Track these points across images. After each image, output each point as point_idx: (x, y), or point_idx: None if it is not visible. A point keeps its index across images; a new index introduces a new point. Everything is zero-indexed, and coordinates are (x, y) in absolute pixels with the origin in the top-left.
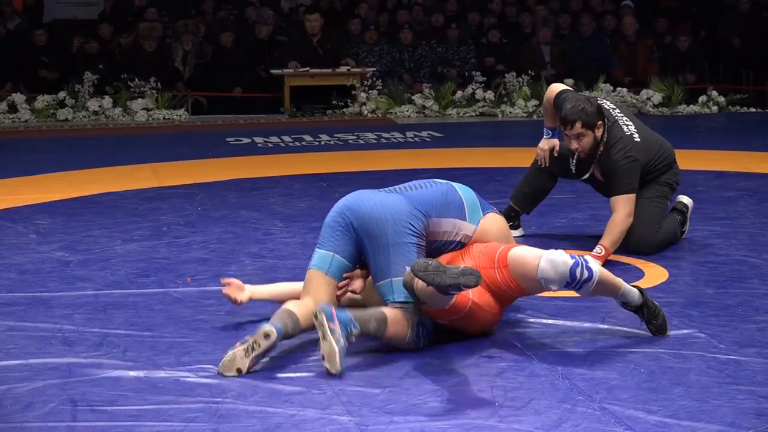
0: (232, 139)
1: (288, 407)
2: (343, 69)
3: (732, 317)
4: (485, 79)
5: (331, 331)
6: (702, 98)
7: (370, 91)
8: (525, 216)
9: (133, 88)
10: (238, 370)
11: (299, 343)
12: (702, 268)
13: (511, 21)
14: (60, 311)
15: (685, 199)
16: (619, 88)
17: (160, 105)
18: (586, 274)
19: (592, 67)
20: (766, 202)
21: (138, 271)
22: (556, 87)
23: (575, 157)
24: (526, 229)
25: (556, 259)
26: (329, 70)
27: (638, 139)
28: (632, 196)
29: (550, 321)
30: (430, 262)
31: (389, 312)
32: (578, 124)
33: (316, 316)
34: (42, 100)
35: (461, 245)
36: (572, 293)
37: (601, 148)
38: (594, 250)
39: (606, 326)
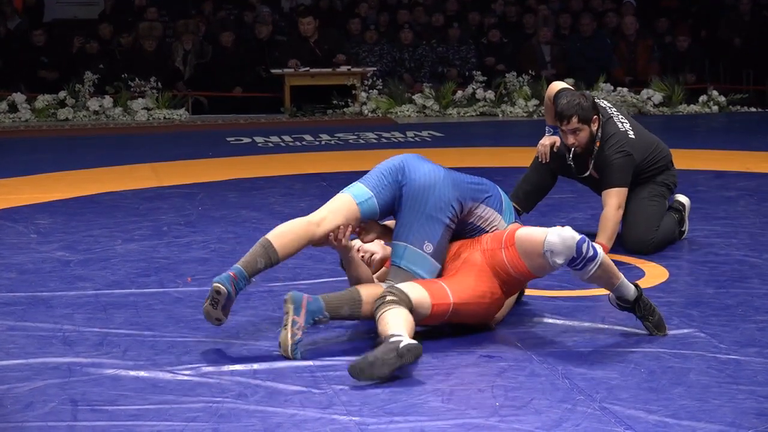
0: (233, 138)
1: (288, 407)
2: (342, 69)
3: (732, 317)
4: (486, 78)
5: (293, 323)
6: (702, 98)
7: (371, 91)
8: (525, 215)
9: (133, 87)
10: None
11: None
12: (702, 268)
13: (511, 21)
14: (60, 311)
15: (682, 198)
16: (619, 88)
17: (161, 105)
18: (591, 252)
19: (592, 66)
20: (767, 202)
21: (138, 271)
22: (557, 85)
23: (572, 152)
24: None
25: (564, 233)
26: (329, 70)
27: (633, 136)
28: (623, 190)
29: (550, 321)
30: (362, 366)
31: (365, 291)
32: (574, 119)
33: (285, 301)
34: (42, 100)
35: (482, 233)
36: (572, 293)
37: (597, 144)
38: None
39: (606, 326)
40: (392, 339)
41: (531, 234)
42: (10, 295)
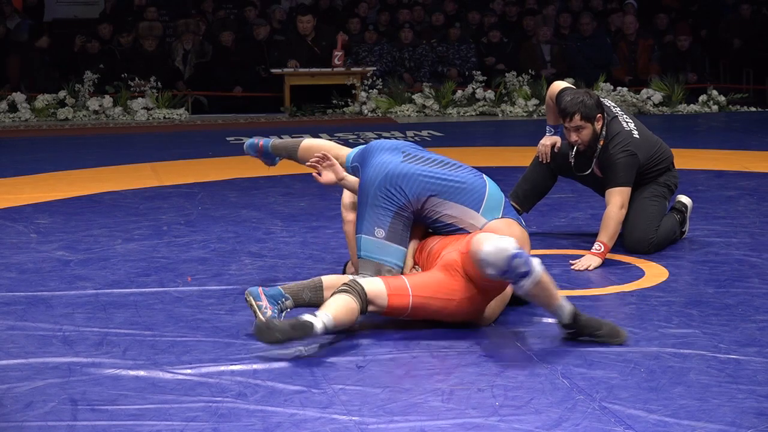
0: (233, 138)
1: (288, 406)
2: (342, 69)
3: (732, 316)
4: (485, 78)
5: (259, 307)
6: (702, 97)
7: (371, 91)
8: (525, 215)
9: (133, 87)
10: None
11: (299, 343)
12: (702, 268)
13: (511, 20)
14: (60, 310)
15: (684, 199)
16: (619, 87)
17: (161, 104)
18: (524, 269)
19: (592, 66)
20: (766, 202)
21: (138, 271)
22: (559, 84)
23: (574, 150)
24: (526, 228)
25: (500, 245)
26: (329, 70)
27: (637, 136)
28: (627, 189)
29: (550, 321)
30: (262, 327)
31: (326, 279)
32: (577, 116)
33: (246, 299)
34: (42, 100)
35: (464, 231)
36: (572, 293)
37: (601, 142)
38: (593, 247)
39: None
40: (304, 315)
41: (479, 240)
42: (10, 295)
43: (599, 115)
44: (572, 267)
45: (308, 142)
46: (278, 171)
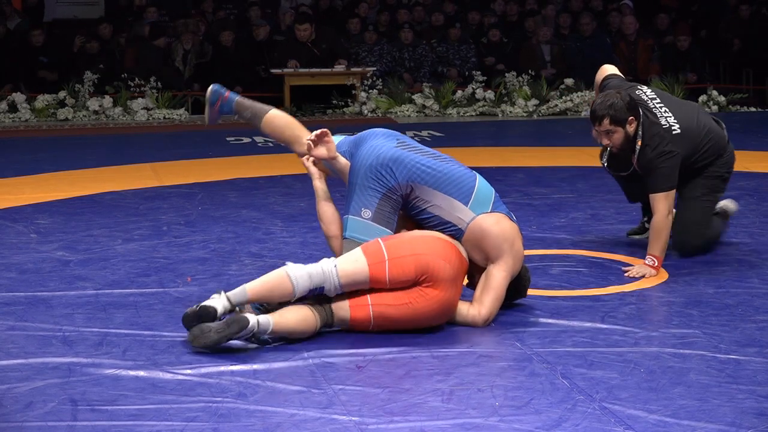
0: (233, 138)
1: (288, 407)
2: (342, 69)
3: (732, 317)
4: (485, 78)
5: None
6: (702, 97)
7: (371, 91)
8: (527, 215)
9: (133, 87)
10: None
11: (299, 343)
12: (702, 268)
13: (511, 20)
14: (60, 311)
15: (731, 205)
16: None
17: (161, 104)
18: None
19: (592, 66)
20: (766, 202)
21: (138, 271)
22: (605, 69)
23: (608, 152)
24: (524, 228)
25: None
26: (329, 70)
27: (677, 131)
28: (671, 193)
29: (550, 321)
30: (197, 333)
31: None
32: (606, 121)
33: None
34: (42, 100)
35: (451, 226)
36: (571, 293)
37: (639, 143)
38: (646, 260)
39: (606, 326)
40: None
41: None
42: (10, 295)
43: (631, 117)
44: (626, 274)
45: (275, 113)
46: (278, 171)
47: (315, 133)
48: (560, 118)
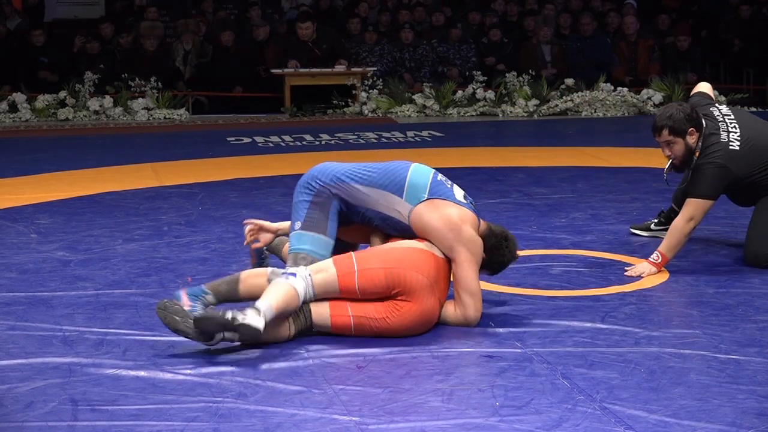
0: (233, 138)
1: (288, 407)
2: (340, 68)
3: (732, 317)
4: (486, 78)
5: (176, 311)
6: None
7: (371, 91)
8: (527, 215)
9: (133, 87)
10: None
11: (297, 343)
12: (702, 268)
13: (511, 20)
14: (60, 311)
15: None
16: (619, 88)
17: (161, 104)
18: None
19: (592, 66)
20: None
21: (139, 271)
22: (698, 87)
23: (669, 164)
24: (525, 228)
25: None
26: (329, 70)
27: (736, 148)
28: (704, 203)
29: (550, 321)
30: (172, 306)
31: (245, 272)
32: (665, 132)
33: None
34: (43, 100)
35: (397, 221)
36: (571, 293)
37: (696, 154)
38: (651, 257)
39: (606, 326)
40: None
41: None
42: (11, 295)
43: (692, 129)
44: (626, 273)
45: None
46: (278, 171)
47: (247, 234)
48: (561, 118)
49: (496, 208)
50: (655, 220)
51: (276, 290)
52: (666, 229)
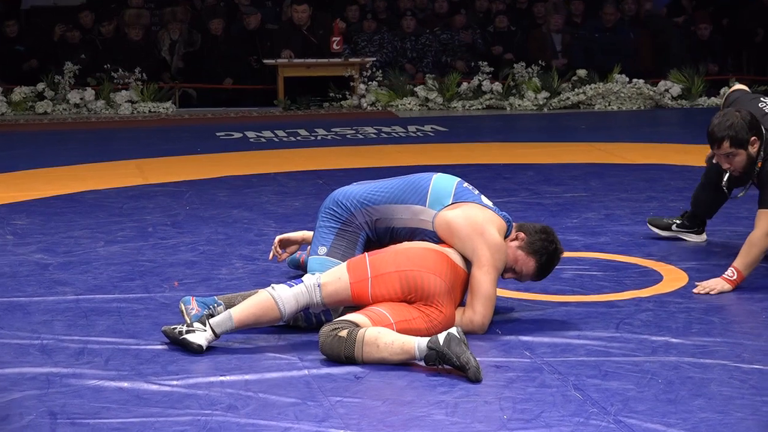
0: (223, 133)
1: (282, 420)
2: (339, 60)
3: (756, 324)
4: (492, 69)
5: (187, 311)
6: (723, 90)
7: (370, 83)
8: (537, 215)
9: (117, 79)
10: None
11: (292, 352)
12: (723, 272)
13: (520, 7)
14: (38, 317)
15: None
16: (635, 80)
17: (146, 97)
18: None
19: (608, 58)
20: None
21: (122, 275)
22: (735, 86)
23: (727, 175)
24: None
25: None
26: (326, 60)
27: None
28: None
29: (561, 328)
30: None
31: (263, 291)
32: (726, 143)
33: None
34: (20, 92)
35: (422, 231)
36: (584, 298)
37: (759, 165)
38: (726, 273)
39: (620, 333)
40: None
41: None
42: None
43: (753, 137)
44: (694, 290)
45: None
46: (271, 168)
47: (276, 247)
48: (572, 112)
49: (504, 208)
50: (677, 221)
51: (248, 302)
52: (689, 232)
